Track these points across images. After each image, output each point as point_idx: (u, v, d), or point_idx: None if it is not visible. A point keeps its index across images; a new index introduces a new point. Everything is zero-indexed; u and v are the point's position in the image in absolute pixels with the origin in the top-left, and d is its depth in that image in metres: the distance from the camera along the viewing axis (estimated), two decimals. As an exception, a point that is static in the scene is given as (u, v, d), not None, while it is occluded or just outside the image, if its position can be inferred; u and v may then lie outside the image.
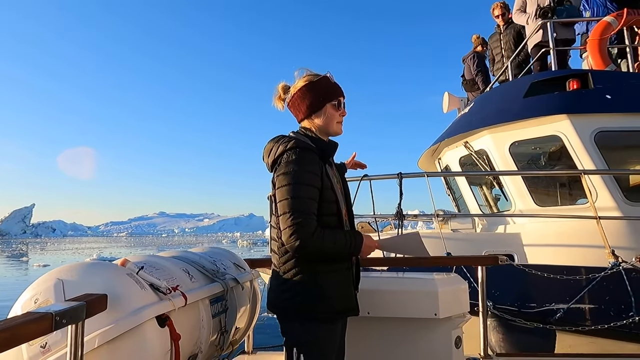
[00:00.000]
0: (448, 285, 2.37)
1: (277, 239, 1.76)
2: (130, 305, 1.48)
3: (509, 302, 3.52)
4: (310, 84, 1.83)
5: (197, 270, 2.08)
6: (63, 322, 1.18)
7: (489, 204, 6.09)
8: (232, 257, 2.62)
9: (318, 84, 1.84)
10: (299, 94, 1.84)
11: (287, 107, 1.91)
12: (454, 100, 7.17)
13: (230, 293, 2.20)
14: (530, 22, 5.58)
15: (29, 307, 1.53)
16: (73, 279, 1.54)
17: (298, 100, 1.84)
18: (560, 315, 3.42)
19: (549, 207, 4.94)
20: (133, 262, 1.72)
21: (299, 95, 1.84)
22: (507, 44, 6.24)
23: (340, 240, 1.71)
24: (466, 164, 5.86)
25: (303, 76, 1.87)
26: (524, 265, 3.66)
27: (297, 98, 1.84)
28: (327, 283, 1.72)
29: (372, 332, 2.35)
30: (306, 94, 1.83)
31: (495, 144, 5.15)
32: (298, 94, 1.84)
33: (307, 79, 1.85)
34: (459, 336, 2.35)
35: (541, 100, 4.86)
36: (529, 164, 5.38)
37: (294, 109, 1.88)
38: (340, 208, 1.80)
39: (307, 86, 1.83)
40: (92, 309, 1.32)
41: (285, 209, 1.65)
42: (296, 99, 1.85)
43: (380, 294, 2.30)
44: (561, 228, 4.52)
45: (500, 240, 4.87)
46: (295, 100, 1.85)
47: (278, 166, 1.73)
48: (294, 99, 1.85)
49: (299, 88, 1.84)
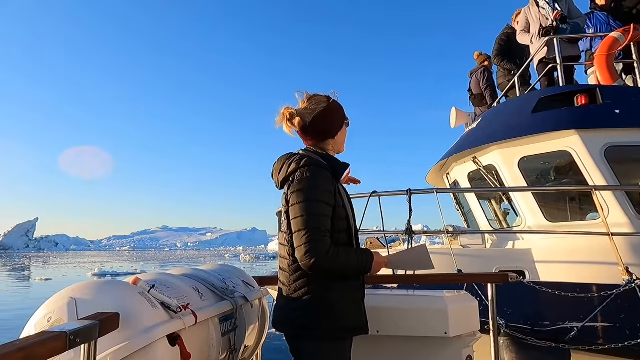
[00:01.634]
0: (458, 303, 2.35)
1: (287, 257, 1.77)
2: (142, 324, 1.50)
3: (522, 321, 3.47)
4: (329, 108, 1.86)
5: (206, 288, 2.09)
6: (77, 342, 1.20)
7: (498, 218, 6.05)
8: (241, 274, 2.62)
9: (336, 107, 1.89)
10: (320, 119, 1.85)
11: (301, 131, 1.90)
12: (461, 115, 7.18)
13: (240, 311, 2.20)
14: (535, 42, 5.64)
15: (42, 325, 1.55)
16: (85, 297, 1.56)
17: (319, 124, 1.85)
18: (574, 334, 3.35)
19: (559, 222, 4.89)
20: (144, 280, 1.74)
21: (320, 120, 1.85)
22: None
23: (353, 258, 1.72)
24: (475, 179, 5.85)
25: (312, 99, 1.89)
26: (535, 282, 3.62)
27: (319, 122, 1.85)
28: (338, 301, 1.72)
29: (382, 351, 2.33)
30: (328, 117, 1.86)
31: (504, 160, 5.14)
32: (320, 118, 1.84)
33: (324, 103, 1.87)
34: (470, 355, 2.33)
35: (550, 115, 4.86)
36: (538, 179, 5.34)
37: (313, 133, 1.87)
38: (351, 225, 1.82)
39: (326, 110, 1.85)
40: (105, 327, 1.34)
41: (300, 226, 1.66)
42: (318, 123, 1.85)
43: (390, 312, 2.29)
44: (573, 244, 4.46)
45: (511, 256, 4.82)
46: (316, 124, 1.85)
47: (292, 183, 1.75)
48: (316, 124, 1.85)
49: (318, 113, 1.84)
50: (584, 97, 4.74)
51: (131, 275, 1.84)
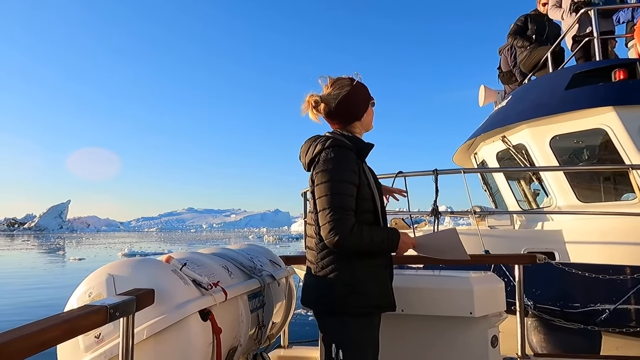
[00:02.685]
0: (484, 283, 2.35)
1: (314, 235, 1.80)
2: (175, 300, 1.57)
3: (551, 302, 3.42)
4: (353, 91, 1.86)
5: (235, 266, 2.16)
6: (116, 315, 1.27)
7: (527, 199, 5.92)
8: (267, 254, 2.69)
9: (360, 89, 1.89)
10: (345, 103, 1.85)
11: (327, 117, 1.91)
12: (490, 93, 6.98)
13: (267, 289, 2.26)
14: (566, 17, 5.40)
15: (83, 299, 1.65)
16: (122, 274, 1.65)
17: (344, 108, 1.86)
18: (605, 317, 3.29)
19: (592, 202, 4.75)
20: (176, 258, 1.81)
21: (345, 104, 1.85)
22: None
23: (377, 236, 1.74)
24: (504, 158, 5.71)
25: (335, 84, 1.89)
26: (564, 263, 3.55)
27: (344, 107, 1.86)
28: (365, 279, 1.75)
29: (407, 329, 2.36)
30: (352, 101, 1.87)
31: (535, 139, 4.99)
32: (344, 102, 1.85)
33: (347, 86, 1.87)
34: (495, 335, 2.33)
35: (584, 92, 4.67)
36: (570, 158, 5.18)
37: (339, 117, 1.88)
38: (377, 205, 1.83)
39: (350, 94, 1.86)
40: (141, 302, 1.42)
41: (325, 205, 1.69)
42: (343, 107, 1.86)
43: (415, 292, 2.31)
44: (606, 225, 4.33)
45: (541, 237, 4.73)
46: (341, 109, 1.86)
47: (316, 164, 1.77)
48: (340, 108, 1.86)
49: (342, 97, 1.85)
50: (622, 71, 4.52)
51: (159, 255, 1.92)
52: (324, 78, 1.92)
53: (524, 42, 6.12)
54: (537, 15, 6.21)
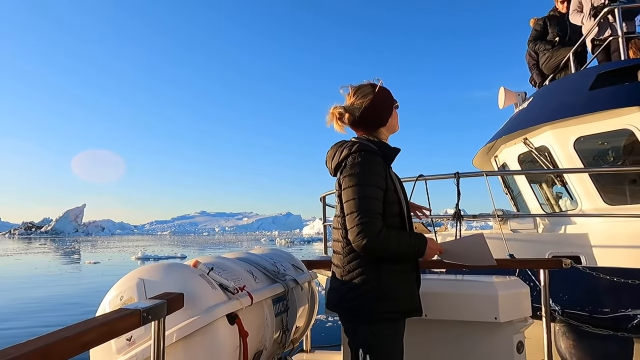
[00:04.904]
0: (509, 288, 2.32)
1: (341, 239, 1.81)
2: (204, 304, 1.61)
3: (579, 307, 3.34)
4: (376, 98, 1.88)
5: (259, 271, 2.20)
6: (149, 318, 1.31)
7: (549, 202, 5.80)
8: (290, 258, 2.72)
9: (383, 95, 1.90)
10: (370, 110, 1.87)
11: (352, 126, 1.93)
12: (510, 95, 6.87)
13: (291, 293, 2.29)
14: (585, 22, 5.33)
15: (115, 303, 1.70)
16: (152, 278, 1.69)
17: (369, 116, 1.88)
18: (636, 322, 3.20)
19: (618, 205, 4.63)
20: (203, 263, 1.85)
21: (370, 112, 1.87)
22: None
23: (405, 241, 1.74)
24: (525, 161, 5.62)
25: (357, 92, 1.90)
26: (591, 268, 3.46)
27: (369, 115, 1.88)
28: (392, 283, 1.75)
29: (431, 334, 2.35)
30: (376, 108, 1.88)
31: (558, 140, 4.90)
32: (369, 110, 1.87)
33: (370, 94, 1.88)
34: (521, 341, 2.30)
35: (609, 92, 4.56)
36: (595, 160, 5.06)
37: (365, 125, 1.90)
38: (403, 209, 1.84)
39: (373, 102, 1.87)
40: (172, 306, 1.46)
41: (352, 208, 1.70)
42: (368, 115, 1.88)
43: (439, 297, 2.30)
44: (634, 228, 4.21)
45: (566, 241, 4.62)
46: (366, 117, 1.88)
47: (344, 168, 1.79)
48: (365, 117, 1.88)
49: (366, 106, 1.87)
50: (648, 71, 4.40)
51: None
52: (345, 87, 1.94)
53: (546, 46, 6.03)
54: (556, 17, 6.11)
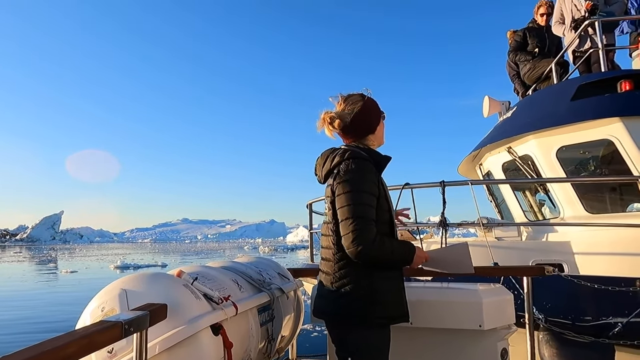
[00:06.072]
0: (493, 296, 2.34)
1: (332, 246, 1.82)
2: (187, 315, 1.59)
3: (562, 315, 3.39)
4: (366, 106, 1.93)
5: (245, 280, 2.18)
6: (130, 330, 1.29)
7: (533, 210, 5.89)
8: (276, 266, 2.70)
9: (372, 104, 1.95)
10: (360, 117, 1.91)
11: (342, 132, 1.96)
12: (494, 104, 6.99)
13: (276, 302, 2.27)
14: (567, 34, 5.47)
15: (96, 314, 1.66)
16: (135, 289, 1.67)
17: (360, 122, 1.92)
18: (618, 330, 3.25)
19: (599, 214, 4.72)
20: (187, 272, 1.83)
21: (360, 118, 1.91)
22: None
23: (397, 248, 1.77)
24: (509, 169, 5.71)
25: (348, 100, 1.95)
26: (574, 276, 3.52)
27: (359, 121, 1.92)
28: (382, 289, 1.77)
29: (416, 342, 2.35)
30: (366, 115, 1.93)
31: (541, 149, 4.99)
32: (359, 116, 1.91)
33: (360, 101, 1.93)
34: (505, 348, 2.32)
35: (591, 102, 4.67)
36: (577, 169, 5.16)
37: (355, 131, 1.94)
38: (392, 216, 1.87)
39: (364, 109, 1.92)
40: (155, 317, 1.43)
41: (347, 214, 1.71)
42: (358, 121, 1.92)
43: (424, 304, 2.31)
44: (615, 236, 4.30)
45: (549, 248, 4.69)
46: (357, 123, 1.92)
47: (337, 175, 1.80)
48: (355, 123, 1.92)
49: (357, 112, 1.91)
50: (628, 82, 4.51)
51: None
52: (335, 97, 1.98)
53: (527, 57, 6.16)
54: (535, 29, 6.22)
